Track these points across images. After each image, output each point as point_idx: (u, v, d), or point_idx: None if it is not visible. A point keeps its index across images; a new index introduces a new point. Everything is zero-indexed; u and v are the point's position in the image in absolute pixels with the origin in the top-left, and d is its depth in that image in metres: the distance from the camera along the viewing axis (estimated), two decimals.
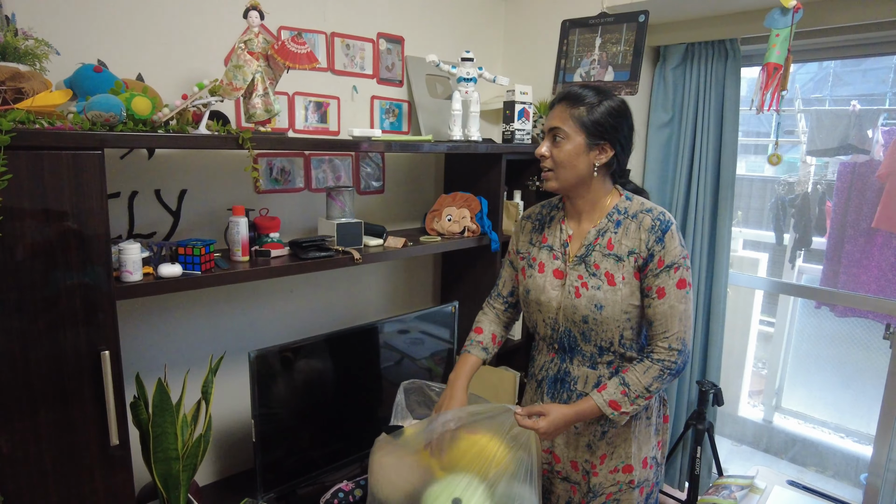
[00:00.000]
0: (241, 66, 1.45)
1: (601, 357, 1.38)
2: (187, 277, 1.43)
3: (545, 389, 1.47)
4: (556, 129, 1.33)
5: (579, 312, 1.35)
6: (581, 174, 1.33)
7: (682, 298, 1.30)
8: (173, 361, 1.78)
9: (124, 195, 1.65)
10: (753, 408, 3.54)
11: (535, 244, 1.48)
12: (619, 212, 1.37)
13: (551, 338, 1.44)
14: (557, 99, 1.36)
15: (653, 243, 1.30)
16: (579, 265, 1.38)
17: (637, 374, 1.31)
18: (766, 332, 3.56)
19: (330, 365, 1.86)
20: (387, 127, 2.20)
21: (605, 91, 1.35)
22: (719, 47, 2.32)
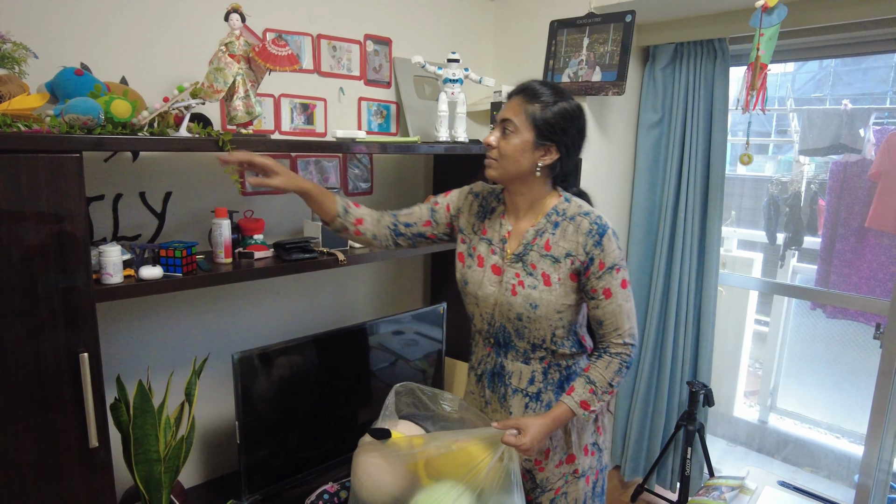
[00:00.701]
0: (222, 68, 1.45)
1: (534, 353, 1.41)
2: (168, 279, 1.44)
3: (486, 383, 1.49)
4: (508, 121, 1.32)
5: (514, 310, 1.36)
6: (523, 170, 1.33)
7: (627, 297, 1.35)
8: (158, 364, 1.78)
9: (108, 198, 1.65)
10: (749, 408, 3.53)
11: (477, 233, 1.48)
12: (558, 213, 1.38)
13: (487, 332, 1.46)
14: (515, 91, 1.37)
15: (591, 247, 1.32)
16: (517, 263, 1.38)
17: (600, 370, 1.35)
18: (762, 332, 3.55)
19: (315, 366, 1.87)
20: (375, 128, 2.21)
21: (563, 92, 1.35)
22: (708, 47, 2.32)
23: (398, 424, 1.50)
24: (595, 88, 2.20)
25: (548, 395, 1.42)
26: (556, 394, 1.41)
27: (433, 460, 1.40)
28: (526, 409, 1.43)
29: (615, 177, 2.53)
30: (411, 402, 1.53)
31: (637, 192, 2.58)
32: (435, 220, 1.52)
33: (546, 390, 1.42)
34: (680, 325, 2.52)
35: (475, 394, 1.55)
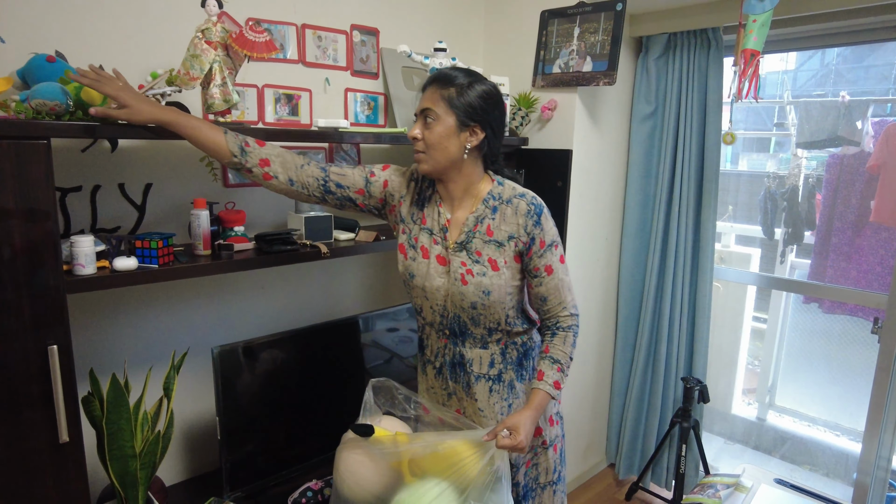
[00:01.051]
0: (198, 55, 1.42)
1: (490, 337, 1.42)
2: (143, 271, 1.40)
3: (447, 375, 1.48)
4: (428, 110, 1.32)
5: (468, 299, 1.36)
6: (452, 156, 1.33)
7: (566, 271, 1.41)
8: (137, 358, 1.75)
9: (86, 189, 1.62)
10: (748, 406, 3.49)
11: (416, 222, 1.45)
12: (494, 197, 1.38)
13: (441, 324, 1.45)
14: (428, 81, 1.36)
15: (531, 227, 1.35)
16: (460, 252, 1.38)
17: (560, 347, 1.40)
18: (759, 329, 3.51)
19: (298, 361, 1.83)
20: (363, 120, 2.17)
21: (476, 74, 1.35)
22: (702, 37, 2.28)
23: (381, 420, 1.46)
24: (586, 79, 2.16)
25: (508, 375, 1.45)
26: (517, 371, 1.45)
27: (418, 459, 1.37)
28: (490, 392, 1.44)
29: (608, 170, 2.49)
30: (388, 400, 1.49)
31: (630, 186, 2.55)
32: (369, 191, 1.46)
33: (507, 370, 1.45)
34: (674, 321, 2.49)
35: (435, 388, 1.53)
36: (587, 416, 2.72)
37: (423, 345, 1.54)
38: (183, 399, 1.86)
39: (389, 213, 1.50)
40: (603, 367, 2.74)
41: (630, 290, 2.63)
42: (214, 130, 1.32)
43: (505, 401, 1.46)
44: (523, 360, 1.47)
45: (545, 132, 2.33)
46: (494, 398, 1.45)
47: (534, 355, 1.49)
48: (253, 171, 1.36)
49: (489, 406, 1.45)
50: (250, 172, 1.36)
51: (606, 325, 2.69)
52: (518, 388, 1.47)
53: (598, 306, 2.61)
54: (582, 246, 2.42)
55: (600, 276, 2.58)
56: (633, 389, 2.63)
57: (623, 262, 2.62)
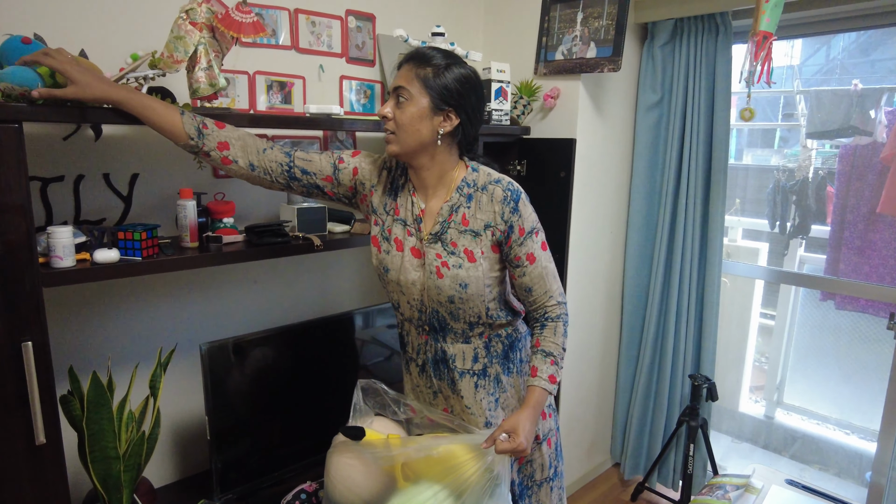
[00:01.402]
0: (182, 36, 1.35)
1: (472, 331, 1.36)
2: (125, 264, 1.33)
3: (430, 372, 1.41)
4: (401, 88, 1.24)
5: (444, 293, 1.29)
6: (423, 140, 1.25)
7: (549, 258, 1.34)
8: (122, 355, 1.68)
9: (69, 179, 1.55)
10: (755, 404, 3.41)
11: (389, 213, 1.38)
12: (468, 185, 1.32)
13: (420, 319, 1.38)
14: (405, 59, 1.28)
15: (509, 214, 1.28)
16: (435, 243, 1.31)
17: (551, 339, 1.33)
18: (767, 325, 3.43)
19: (291, 358, 1.76)
20: (359, 109, 2.10)
21: (454, 56, 1.28)
22: (709, 22, 2.20)
23: (373, 422, 1.39)
24: (590, 65, 2.08)
25: (494, 369, 1.39)
26: (503, 364, 1.39)
27: (412, 462, 1.30)
28: (476, 388, 1.38)
29: (613, 160, 2.41)
30: (377, 402, 1.43)
31: (636, 177, 2.47)
32: (337, 178, 1.38)
33: (492, 364, 1.38)
34: (681, 316, 2.41)
35: (421, 387, 1.46)
36: (591, 415, 2.65)
37: (403, 342, 1.47)
38: (171, 397, 1.80)
39: (361, 202, 1.43)
40: (607, 363, 2.67)
41: (635, 285, 2.55)
42: (170, 110, 1.24)
43: (492, 395, 1.39)
44: (509, 353, 1.40)
45: (547, 121, 2.25)
46: (481, 394, 1.38)
47: (520, 347, 1.43)
48: (211, 156, 1.28)
49: (476, 403, 1.38)
50: (208, 157, 1.29)
51: (611, 320, 2.62)
52: (505, 381, 1.40)
53: (603, 301, 2.54)
54: (586, 239, 2.35)
55: (605, 270, 2.50)
56: (639, 387, 2.55)
57: (628, 256, 2.54)
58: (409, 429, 1.43)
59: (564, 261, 2.24)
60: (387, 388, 1.43)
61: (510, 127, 2.12)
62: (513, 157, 2.27)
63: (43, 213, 1.52)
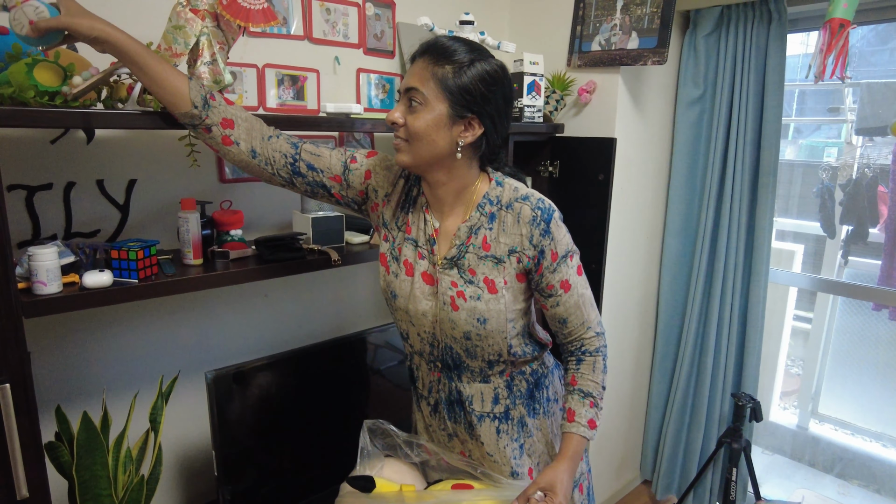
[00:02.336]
0: (182, 26, 1.17)
1: (491, 369, 1.19)
2: (119, 288, 1.17)
3: (444, 413, 1.24)
4: (413, 90, 1.04)
5: (459, 328, 1.12)
6: (439, 152, 1.06)
7: (585, 284, 1.17)
8: (119, 384, 1.52)
9: (58, 187, 1.38)
10: (784, 410, 3.24)
11: (401, 228, 1.19)
12: (491, 202, 1.12)
13: (431, 354, 1.20)
14: (419, 52, 1.07)
15: (539, 237, 1.10)
16: (450, 269, 1.13)
17: (588, 377, 1.16)
18: (801, 328, 3.25)
19: (305, 384, 1.60)
20: (376, 104, 1.92)
21: (479, 49, 1.07)
22: (761, 9, 2.00)
23: (384, 466, 1.22)
24: (631, 57, 1.89)
25: (518, 411, 1.22)
26: (527, 405, 1.23)
27: None
28: (498, 433, 1.20)
29: (651, 160, 2.22)
30: (386, 443, 1.25)
31: (675, 178, 2.28)
32: (347, 180, 1.20)
33: (515, 406, 1.21)
34: (723, 329, 2.24)
35: (433, 427, 1.28)
36: (622, 429, 2.49)
37: (413, 376, 1.29)
38: (174, 425, 1.64)
39: (371, 210, 1.24)
40: (640, 376, 2.50)
41: (672, 294, 2.38)
42: (176, 71, 1.07)
43: (516, 441, 1.22)
44: (534, 392, 1.23)
45: (582, 118, 2.07)
46: (504, 440, 1.21)
47: (547, 384, 1.25)
48: (212, 132, 1.11)
49: (499, 450, 1.21)
50: (209, 132, 1.11)
51: (645, 330, 2.45)
52: (531, 425, 1.23)
53: (637, 310, 2.37)
54: (623, 246, 2.17)
55: (639, 278, 2.33)
56: (674, 402, 2.39)
57: (665, 263, 2.37)
58: (425, 472, 1.26)
59: (601, 271, 2.06)
60: (397, 429, 1.26)
61: (542, 124, 1.94)
62: (545, 157, 2.09)
63: (29, 225, 1.36)
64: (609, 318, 2.19)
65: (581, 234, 2.12)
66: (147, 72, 1.05)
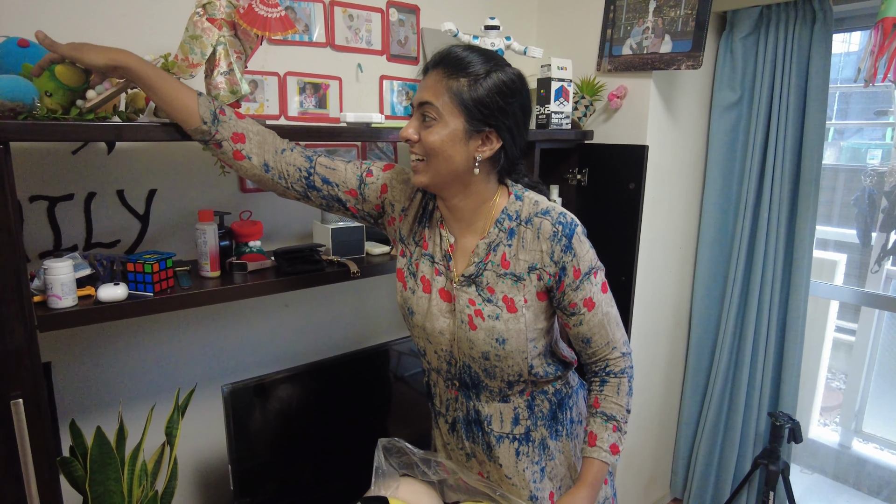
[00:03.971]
0: (199, 35, 1.15)
1: (511, 389, 1.14)
2: (134, 302, 1.16)
3: (461, 433, 1.20)
4: (427, 105, 1.00)
5: (477, 348, 1.07)
6: (456, 168, 1.02)
7: (610, 302, 1.12)
8: (136, 395, 1.51)
9: (79, 197, 1.38)
10: (824, 427, 3.09)
11: (419, 243, 1.15)
12: (510, 217, 1.08)
13: (448, 372, 1.16)
14: (432, 63, 1.02)
15: (560, 254, 1.04)
16: (468, 286, 1.08)
17: (612, 399, 1.12)
18: (843, 340, 3.09)
19: (324, 398, 1.57)
20: (400, 112, 1.88)
21: (494, 58, 1.02)
22: (804, 9, 1.90)
23: (399, 486, 1.18)
24: (665, 61, 1.82)
25: (539, 433, 1.17)
26: (550, 427, 1.18)
27: None
28: (518, 456, 1.16)
29: (684, 168, 2.14)
30: (402, 462, 1.21)
31: (709, 186, 2.19)
32: (363, 194, 1.17)
33: (536, 427, 1.16)
34: (759, 344, 2.13)
35: (451, 445, 1.24)
36: (651, 446, 2.40)
37: (430, 392, 1.25)
38: (191, 440, 1.62)
39: (388, 224, 1.20)
40: (671, 390, 2.41)
41: (706, 306, 2.28)
42: (185, 88, 1.07)
43: (537, 465, 1.17)
44: (557, 413, 1.18)
45: (612, 124, 2.00)
46: (524, 462, 1.16)
47: (571, 404, 1.20)
48: (223, 147, 1.09)
49: (518, 473, 1.16)
50: (219, 147, 1.09)
51: (676, 344, 2.35)
52: (552, 447, 1.18)
53: (668, 323, 2.28)
54: (654, 257, 2.09)
55: (671, 290, 2.24)
56: (707, 420, 2.29)
57: (698, 274, 2.27)
58: (442, 491, 1.22)
59: (632, 283, 1.99)
60: (413, 447, 1.22)
61: (570, 131, 1.87)
62: (572, 165, 2.02)
63: (51, 235, 1.36)
64: (639, 331, 2.11)
65: (610, 244, 2.07)
66: (156, 90, 1.04)
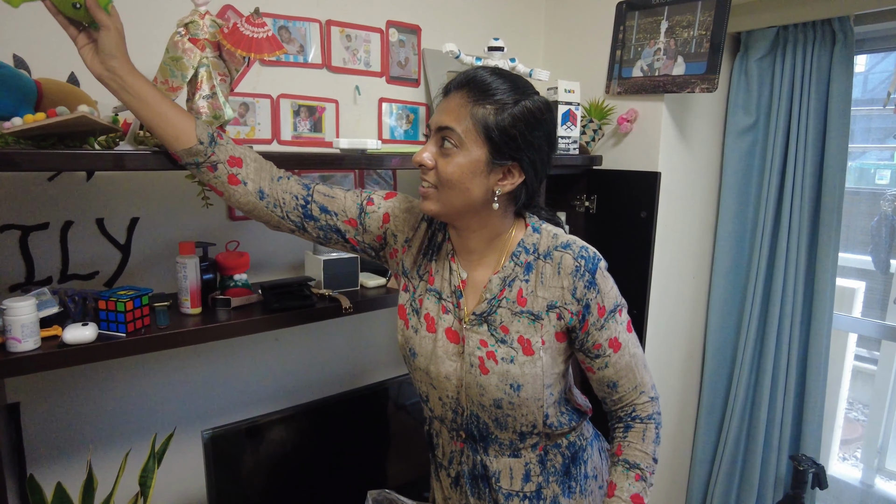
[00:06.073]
0: (180, 57, 1.07)
1: (523, 442, 1.04)
2: (104, 344, 1.06)
3: (466, 488, 1.09)
4: (448, 130, 0.90)
5: (489, 394, 0.98)
6: (473, 201, 0.93)
7: (636, 342, 1.05)
8: (110, 440, 1.41)
9: (55, 226, 1.30)
10: (843, 461, 2.94)
11: (423, 278, 1.06)
12: (527, 250, 1.00)
13: (454, 422, 1.06)
14: (456, 84, 0.92)
15: (583, 290, 0.97)
16: (479, 326, 0.99)
17: (638, 446, 1.02)
18: (863, 369, 2.96)
19: (315, 443, 1.46)
20: (400, 136, 1.80)
21: (524, 86, 0.93)
22: (823, 30, 1.82)
23: None
24: (678, 84, 1.73)
25: (551, 490, 1.07)
26: (562, 483, 1.08)
27: None
28: None
29: (697, 195, 2.04)
30: None
31: (723, 213, 2.09)
32: (363, 224, 1.08)
33: (548, 484, 1.07)
34: (779, 381, 2.01)
35: (453, 500, 1.13)
36: (662, 488, 2.27)
37: (432, 443, 1.15)
38: (169, 488, 1.51)
39: (390, 257, 1.11)
40: (684, 429, 2.28)
41: (720, 340, 2.16)
42: (180, 107, 0.99)
43: None
44: (570, 468, 1.09)
45: (622, 149, 1.91)
46: None
47: (585, 458, 1.10)
48: (217, 169, 1.00)
49: None
50: (214, 170, 1.00)
51: (689, 379, 2.24)
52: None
53: (681, 357, 2.16)
54: (667, 288, 1.98)
55: (684, 322, 2.13)
56: (723, 461, 2.16)
57: (712, 306, 2.16)
58: None
59: (644, 315, 1.88)
60: (406, 499, 1.11)
61: (579, 157, 1.78)
62: (580, 192, 1.93)
63: (23, 267, 1.27)
64: (650, 366, 2.00)
65: (620, 275, 1.93)
66: (150, 105, 0.96)
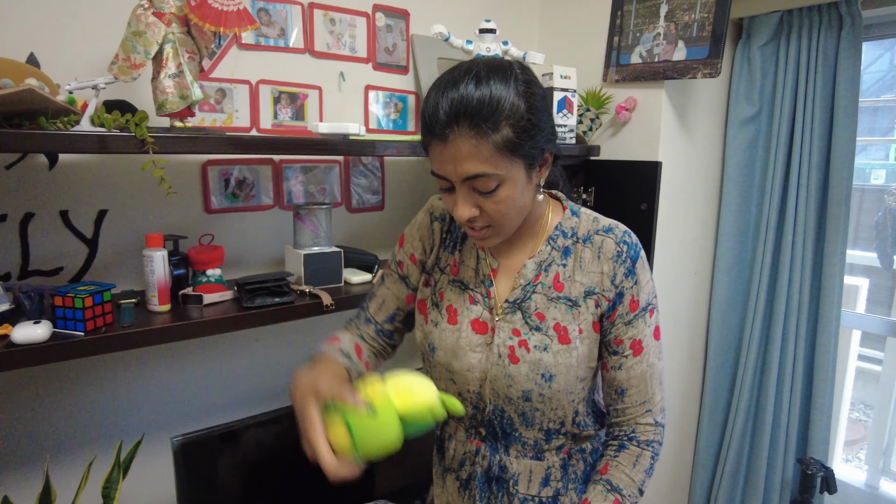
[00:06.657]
0: (143, 32, 0.99)
1: (549, 443, 0.97)
2: (59, 343, 0.97)
3: (476, 492, 1.00)
4: (482, 177, 0.80)
5: (518, 386, 0.91)
6: (527, 208, 0.89)
7: (659, 353, 0.97)
8: (71, 449, 1.31)
9: (14, 218, 1.21)
10: (847, 463, 2.87)
11: (445, 270, 1.00)
12: (565, 234, 0.95)
13: (473, 419, 0.99)
14: (446, 122, 0.78)
15: (622, 277, 0.91)
16: (513, 314, 0.93)
17: (626, 470, 0.93)
18: (866, 369, 2.90)
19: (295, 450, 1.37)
20: (388, 125, 1.72)
21: (505, 69, 0.81)
22: (829, 14, 1.74)
23: None
24: (678, 70, 1.65)
25: (569, 497, 1.00)
26: (580, 491, 1.01)
27: None
28: None
29: (699, 187, 1.96)
30: None
31: (726, 206, 2.01)
32: (412, 286, 1.05)
33: (567, 490, 1.00)
34: (784, 381, 1.94)
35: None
36: (663, 491, 2.19)
37: (442, 446, 1.07)
38: (137, 499, 1.42)
39: None
40: (686, 431, 2.20)
41: (723, 338, 2.09)
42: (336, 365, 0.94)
43: None
44: (591, 476, 1.02)
45: (620, 138, 1.83)
46: None
47: None
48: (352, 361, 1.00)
49: None
50: None
51: (691, 378, 2.16)
52: None
53: (683, 356, 2.08)
54: (668, 284, 1.90)
55: (685, 319, 2.05)
56: (726, 463, 2.08)
57: (714, 303, 2.08)
58: None
59: None
60: None
61: (576, 146, 1.70)
62: (578, 183, 1.85)
63: None
64: None
65: None
66: None
